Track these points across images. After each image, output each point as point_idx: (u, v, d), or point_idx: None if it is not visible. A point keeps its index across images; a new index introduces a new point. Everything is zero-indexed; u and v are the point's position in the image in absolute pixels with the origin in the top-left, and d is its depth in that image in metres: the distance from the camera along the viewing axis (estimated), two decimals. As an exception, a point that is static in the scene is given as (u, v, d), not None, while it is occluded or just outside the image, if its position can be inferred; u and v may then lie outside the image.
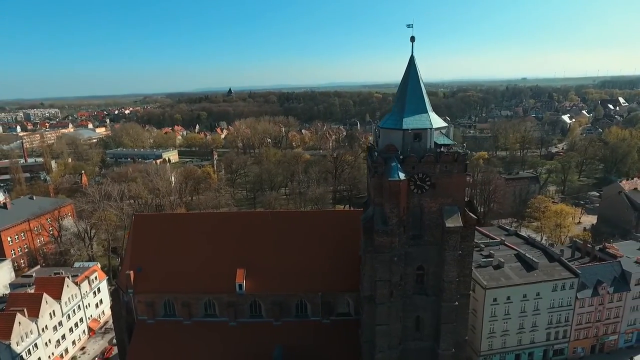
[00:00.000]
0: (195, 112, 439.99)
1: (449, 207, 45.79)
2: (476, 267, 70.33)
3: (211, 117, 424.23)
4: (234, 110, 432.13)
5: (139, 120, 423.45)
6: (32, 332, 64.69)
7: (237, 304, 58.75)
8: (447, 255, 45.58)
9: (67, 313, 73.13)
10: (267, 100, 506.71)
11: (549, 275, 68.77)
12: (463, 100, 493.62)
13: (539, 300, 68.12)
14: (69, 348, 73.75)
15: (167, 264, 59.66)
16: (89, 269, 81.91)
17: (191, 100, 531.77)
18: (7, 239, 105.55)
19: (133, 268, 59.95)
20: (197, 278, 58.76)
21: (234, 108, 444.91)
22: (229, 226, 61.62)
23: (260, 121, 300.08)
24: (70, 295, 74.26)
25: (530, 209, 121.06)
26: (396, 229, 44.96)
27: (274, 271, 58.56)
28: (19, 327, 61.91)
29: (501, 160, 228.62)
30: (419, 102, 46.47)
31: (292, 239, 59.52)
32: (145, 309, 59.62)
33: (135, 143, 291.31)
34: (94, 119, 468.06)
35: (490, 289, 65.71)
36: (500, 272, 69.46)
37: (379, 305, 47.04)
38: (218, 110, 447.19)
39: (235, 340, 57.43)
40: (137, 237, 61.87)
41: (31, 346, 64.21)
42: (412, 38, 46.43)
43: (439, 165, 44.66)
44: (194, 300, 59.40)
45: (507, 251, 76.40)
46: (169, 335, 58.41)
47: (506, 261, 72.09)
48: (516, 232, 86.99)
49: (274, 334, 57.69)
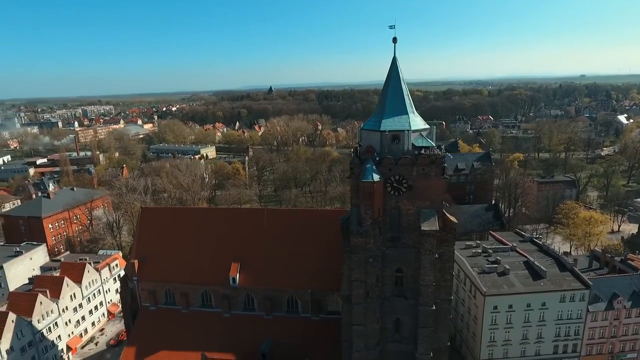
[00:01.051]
0: (236, 110, 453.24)
1: (427, 210, 45.22)
2: (479, 273, 68.82)
3: (251, 115, 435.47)
4: (273, 108, 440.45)
5: (183, 117, 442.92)
6: (53, 311, 70.87)
7: (231, 297, 61.14)
8: (423, 259, 45.08)
9: (87, 296, 79.20)
10: (306, 98, 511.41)
11: (557, 285, 65.50)
12: (509, 98, 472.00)
13: (544, 311, 65.11)
14: (89, 329, 79.86)
15: (168, 254, 63.17)
16: (110, 256, 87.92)
17: (233, 97, 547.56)
18: (49, 226, 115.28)
19: (138, 257, 64.09)
20: (195, 270, 61.78)
21: (273, 106, 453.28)
22: (227, 222, 63.99)
23: (293, 119, 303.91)
24: (91, 280, 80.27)
25: (559, 214, 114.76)
26: (371, 230, 45.10)
27: (266, 266, 60.32)
28: (40, 306, 68.10)
29: (543, 163, 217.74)
30: (399, 104, 46.10)
31: (286, 236, 60.86)
32: (148, 296, 63.53)
33: (177, 139, 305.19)
34: (143, 116, 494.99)
35: (490, 295, 63.70)
36: (504, 279, 67.10)
37: (355, 305, 47.45)
38: (258, 107, 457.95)
39: (228, 331, 59.84)
40: (143, 228, 65.94)
41: (52, 324, 70.39)
42: (394, 39, 46.11)
43: (416, 167, 44.23)
44: (192, 291, 62.48)
45: (516, 258, 73.61)
46: (168, 322, 61.90)
47: (513, 268, 69.53)
48: (531, 239, 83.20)
49: (265, 328, 59.53)
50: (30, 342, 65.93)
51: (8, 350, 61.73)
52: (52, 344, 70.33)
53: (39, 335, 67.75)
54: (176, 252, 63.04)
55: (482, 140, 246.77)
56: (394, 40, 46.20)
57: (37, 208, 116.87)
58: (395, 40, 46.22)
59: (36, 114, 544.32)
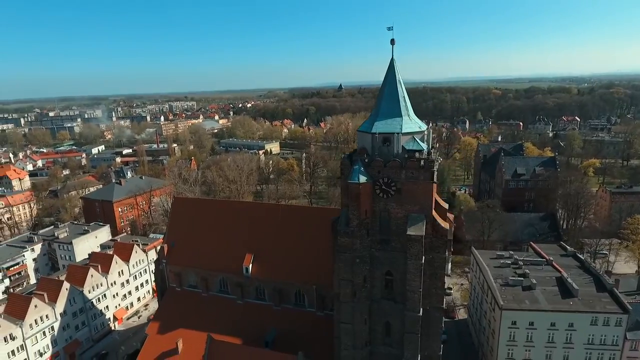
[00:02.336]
0: (305, 107, 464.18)
1: (415, 214, 44.41)
2: (501, 285, 65.23)
3: (319, 112, 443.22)
4: (341, 105, 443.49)
5: (256, 113, 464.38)
6: (102, 284, 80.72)
7: (244, 285, 64.93)
8: (409, 264, 44.41)
9: (134, 274, 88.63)
10: (375, 95, 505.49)
11: (589, 306, 59.72)
12: (603, 97, 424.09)
13: (572, 332, 59.82)
14: (134, 303, 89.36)
15: (194, 241, 68.75)
16: (158, 240, 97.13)
17: (304, 95, 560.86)
18: (118, 210, 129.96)
19: (168, 242, 70.66)
20: (215, 257, 66.54)
21: (340, 103, 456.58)
22: (246, 214, 67.79)
23: (354, 117, 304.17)
24: (138, 259, 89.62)
25: (627, 229, 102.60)
26: (357, 231, 45.44)
27: (276, 259, 63.10)
28: (91, 278, 78.04)
29: (632, 171, 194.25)
30: (393, 106, 45.69)
31: (297, 232, 62.88)
32: (175, 278, 69.79)
33: (245, 134, 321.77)
34: (220, 112, 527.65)
35: (507, 310, 60.14)
36: (529, 294, 62.79)
37: (342, 303, 48.20)
38: (326, 105, 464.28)
39: (239, 317, 63.74)
40: (175, 216, 72.43)
41: (100, 295, 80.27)
42: (392, 41, 45.76)
43: (404, 170, 43.66)
44: (211, 276, 67.41)
45: (549, 273, 68.28)
46: (189, 303, 67.53)
47: (541, 283, 64.76)
48: (574, 254, 76.05)
49: (272, 317, 62.50)
50: (81, 309, 75.99)
51: (62, 313, 71.92)
52: (100, 313, 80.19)
53: (89, 303, 77.72)
54: (200, 239, 68.37)
55: (561, 144, 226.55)
56: (392, 42, 45.84)
57: (109, 193, 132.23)
58: (393, 42, 45.84)
59: (130, 109, 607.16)
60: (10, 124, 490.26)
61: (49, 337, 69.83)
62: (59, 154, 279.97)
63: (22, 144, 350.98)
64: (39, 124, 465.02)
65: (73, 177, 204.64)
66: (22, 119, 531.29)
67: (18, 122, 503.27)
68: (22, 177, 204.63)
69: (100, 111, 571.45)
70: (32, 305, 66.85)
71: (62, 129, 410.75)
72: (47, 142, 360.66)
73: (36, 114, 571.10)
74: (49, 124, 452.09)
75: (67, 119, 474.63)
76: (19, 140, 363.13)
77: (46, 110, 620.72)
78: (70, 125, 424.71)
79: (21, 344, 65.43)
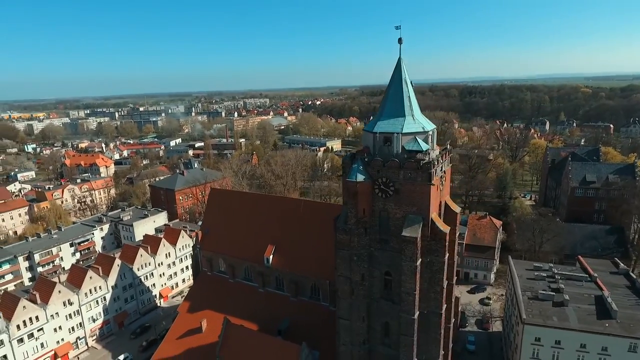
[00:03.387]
0: (372, 105, 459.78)
1: (413, 215, 43.68)
2: (529, 299, 61.10)
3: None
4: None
5: (323, 110, 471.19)
6: (150, 264, 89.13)
7: (265, 275, 68.10)
8: (403, 265, 43.88)
9: (180, 257, 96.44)
10: (447, 94, 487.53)
11: (627, 330, 53.81)
12: None
13: (606, 357, 54.36)
14: (179, 284, 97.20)
15: (224, 230, 73.45)
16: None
17: (373, 92, 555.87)
18: (179, 197, 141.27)
19: (203, 230, 76.24)
20: (241, 246, 70.60)
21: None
22: (272, 208, 70.79)
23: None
24: (184, 244, 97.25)
25: None
26: (355, 228, 45.85)
27: (294, 252, 65.33)
28: (140, 257, 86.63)
29: None
30: (397, 106, 45.22)
31: (316, 227, 64.22)
32: (206, 263, 75.16)
33: (310, 131, 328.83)
34: (290, 108, 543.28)
35: (529, 324, 56.21)
36: (558, 311, 58.13)
37: (341, 299, 48.93)
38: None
39: (259, 304, 67.13)
40: (210, 205, 77.84)
41: (148, 273, 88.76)
42: (400, 40, 45.28)
43: (402, 171, 43.14)
44: (237, 264, 71.59)
45: (589, 290, 62.49)
46: (217, 287, 72.44)
47: (577, 301, 59.58)
48: (627, 272, 68.30)
49: (288, 308, 64.97)
50: (130, 284, 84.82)
51: (113, 286, 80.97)
52: (148, 289, 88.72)
53: (138, 280, 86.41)
54: (230, 229, 72.86)
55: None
56: (399, 41, 45.37)
57: (172, 182, 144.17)
58: (401, 41, 45.36)
59: (209, 105, 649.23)
60: (107, 117, 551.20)
61: (101, 306, 79.12)
62: (142, 145, 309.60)
63: (114, 135, 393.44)
64: (129, 117, 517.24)
65: (150, 166, 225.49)
66: (117, 113, 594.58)
67: (113, 116, 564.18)
68: (109, 165, 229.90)
69: (183, 107, 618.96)
70: (87, 277, 76.32)
71: (148, 122, 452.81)
72: (134, 134, 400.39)
73: (129, 109, 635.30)
74: (137, 118, 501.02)
75: (153, 114, 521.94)
76: (112, 132, 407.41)
77: (138, 105, 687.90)
78: (154, 119, 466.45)
79: (77, 309, 75.09)
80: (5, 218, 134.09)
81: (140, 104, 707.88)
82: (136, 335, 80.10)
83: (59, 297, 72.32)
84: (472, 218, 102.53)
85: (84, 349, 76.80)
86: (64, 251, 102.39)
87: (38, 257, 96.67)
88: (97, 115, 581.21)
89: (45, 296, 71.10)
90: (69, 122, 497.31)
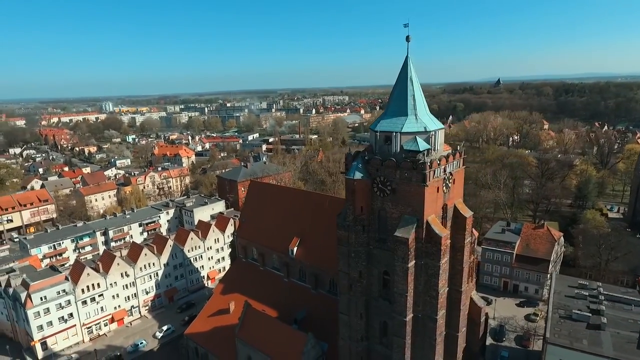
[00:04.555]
0: (453, 103, 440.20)
1: (409, 216, 42.83)
2: (562, 317, 55.98)
3: (467, 109, 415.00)
4: (493, 102, 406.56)
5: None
6: (200, 247, 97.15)
7: (290, 265, 70.79)
8: (396, 265, 43.30)
9: (228, 243, 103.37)
10: (539, 92, 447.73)
11: (674, 365, 46.85)
12: None
13: (643, 392, 47.98)
14: (226, 267, 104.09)
15: (258, 220, 77.62)
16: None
17: (455, 90, 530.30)
18: (241, 188, 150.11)
19: (241, 219, 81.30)
20: (270, 236, 74.12)
21: (494, 100, 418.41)
22: (301, 202, 73.13)
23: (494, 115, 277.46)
24: (232, 231, 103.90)
25: None
26: (352, 225, 46.20)
27: (316, 246, 66.98)
28: (191, 240, 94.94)
29: None
30: (401, 105, 44.52)
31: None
32: (242, 250, 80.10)
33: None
34: (368, 106, 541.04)
35: (553, 345, 51.60)
36: (592, 334, 52.68)
37: (341, 294, 49.64)
38: (476, 101, 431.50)
39: (283, 293, 70.17)
40: (249, 197, 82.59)
41: (197, 256, 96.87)
42: (407, 38, 44.45)
43: (399, 171, 42.51)
44: (267, 253, 75.31)
45: (637, 316, 55.14)
46: (248, 273, 76.98)
47: (616, 325, 53.52)
48: (695, 300, 58.73)
49: (308, 299, 67.06)
50: (181, 264, 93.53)
51: (165, 263, 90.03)
52: (196, 270, 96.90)
53: (188, 260, 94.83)
54: (264, 219, 76.83)
55: None
56: (407, 39, 44.58)
57: (236, 174, 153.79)
58: (409, 39, 44.55)
59: (290, 102, 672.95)
60: (198, 112, 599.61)
61: (154, 281, 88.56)
62: (222, 138, 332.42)
63: (200, 128, 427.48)
64: (216, 113, 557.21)
65: (227, 158, 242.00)
66: (206, 108, 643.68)
67: (203, 111, 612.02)
68: (190, 156, 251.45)
69: (265, 103, 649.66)
70: (142, 253, 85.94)
71: (232, 117, 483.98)
72: (218, 128, 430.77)
73: (217, 105, 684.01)
74: (223, 113, 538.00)
75: (237, 109, 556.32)
76: (199, 125, 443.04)
77: (226, 101, 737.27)
78: (237, 114, 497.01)
79: (132, 281, 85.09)
80: (97, 198, 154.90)
81: (227, 100, 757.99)
82: (181, 310, 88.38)
83: (117, 268, 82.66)
84: (527, 227, 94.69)
85: (137, 317, 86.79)
86: (133, 230, 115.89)
87: (112, 233, 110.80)
88: (190, 110, 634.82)
89: (106, 267, 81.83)
90: (165, 116, 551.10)
